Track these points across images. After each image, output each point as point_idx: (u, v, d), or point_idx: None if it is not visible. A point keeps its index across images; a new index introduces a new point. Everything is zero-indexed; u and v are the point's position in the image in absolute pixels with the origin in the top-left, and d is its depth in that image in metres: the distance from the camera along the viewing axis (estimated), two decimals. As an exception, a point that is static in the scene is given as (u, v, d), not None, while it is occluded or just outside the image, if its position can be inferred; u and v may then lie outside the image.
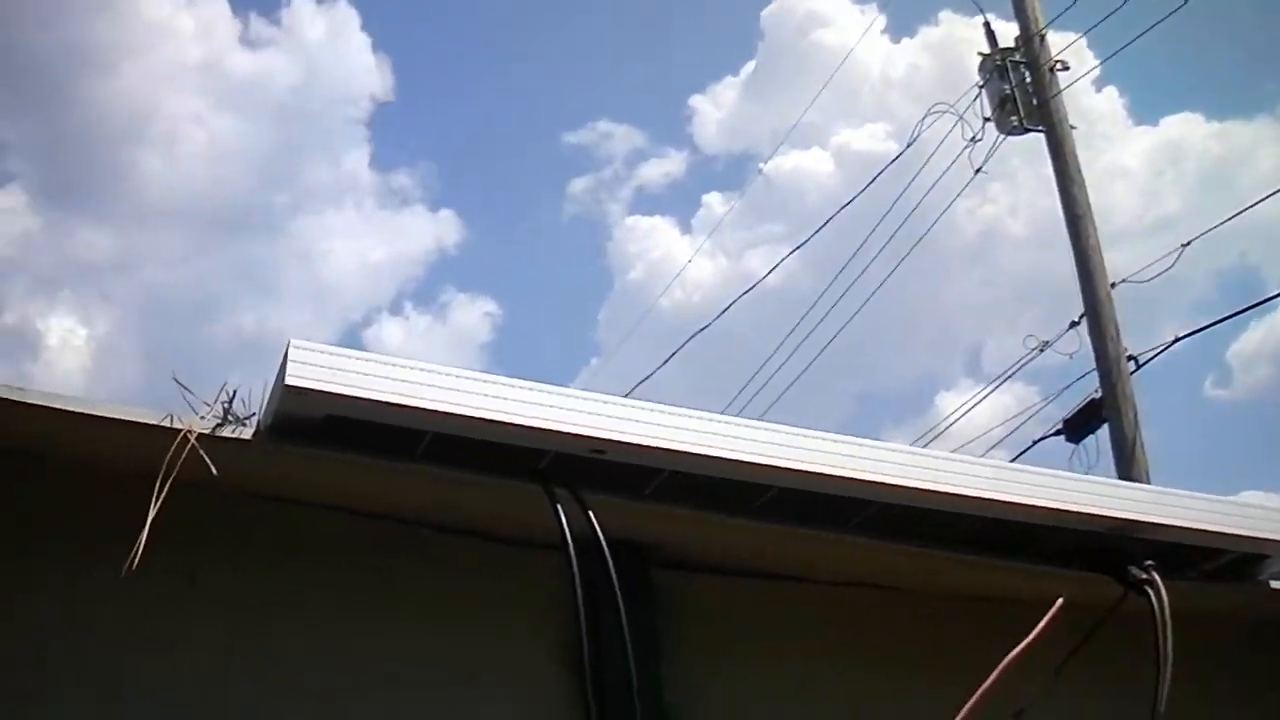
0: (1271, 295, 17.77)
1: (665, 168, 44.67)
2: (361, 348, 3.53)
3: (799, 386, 20.30)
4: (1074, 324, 16.74)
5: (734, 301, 20.52)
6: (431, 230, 44.82)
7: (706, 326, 20.58)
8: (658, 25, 44.72)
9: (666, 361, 20.31)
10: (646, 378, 20.13)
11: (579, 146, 45.00)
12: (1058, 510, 4.28)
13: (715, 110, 40.14)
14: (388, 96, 42.72)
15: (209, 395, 3.75)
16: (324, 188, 43.26)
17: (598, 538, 3.87)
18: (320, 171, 43.57)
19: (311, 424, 3.67)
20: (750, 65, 42.56)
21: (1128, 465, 15.09)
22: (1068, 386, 17.28)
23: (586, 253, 45.59)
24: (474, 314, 43.65)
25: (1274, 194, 15.85)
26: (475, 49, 45.90)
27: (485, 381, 3.77)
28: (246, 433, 3.71)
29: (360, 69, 42.04)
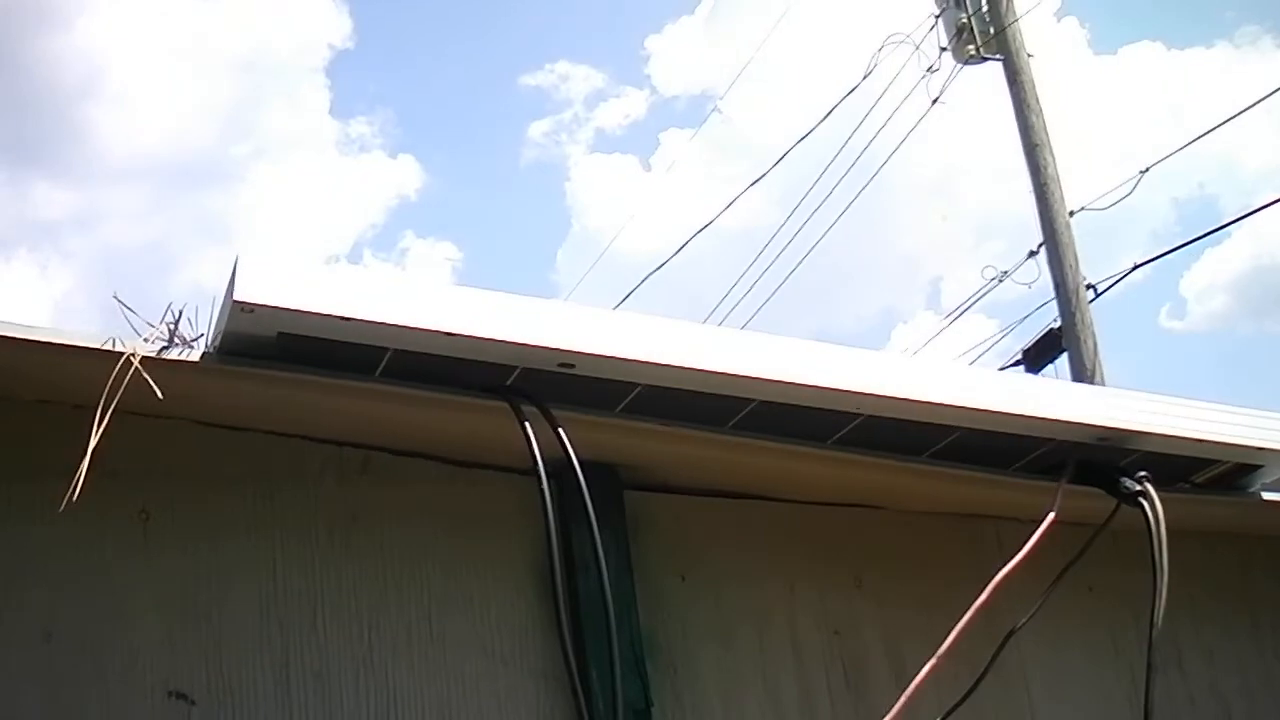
0: (1223, 224, 17.75)
1: (625, 108, 44.61)
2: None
3: (757, 324, 20.16)
4: (1033, 254, 16.68)
5: (689, 240, 20.36)
6: (391, 176, 44.72)
7: (662, 265, 20.41)
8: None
9: (623, 301, 20.15)
10: (603, 319, 19.93)
11: (538, 89, 44.79)
12: (1048, 419, 4.10)
13: (675, 50, 40.03)
14: (346, 43, 42.49)
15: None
16: (283, 137, 43.07)
17: (569, 457, 3.68)
18: (279, 121, 43.37)
19: (263, 343, 3.45)
20: (709, 3, 42.49)
21: (1089, 395, 15.00)
22: (1026, 317, 17.26)
23: (547, 194, 45.52)
24: (434, 259, 43.54)
25: (1226, 122, 15.79)
26: (432, -8, 45.59)
27: (446, 292, 3.58)
28: (194, 355, 3.47)
29: (318, 16, 41.72)
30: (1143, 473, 4.26)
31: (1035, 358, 16.70)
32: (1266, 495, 4.68)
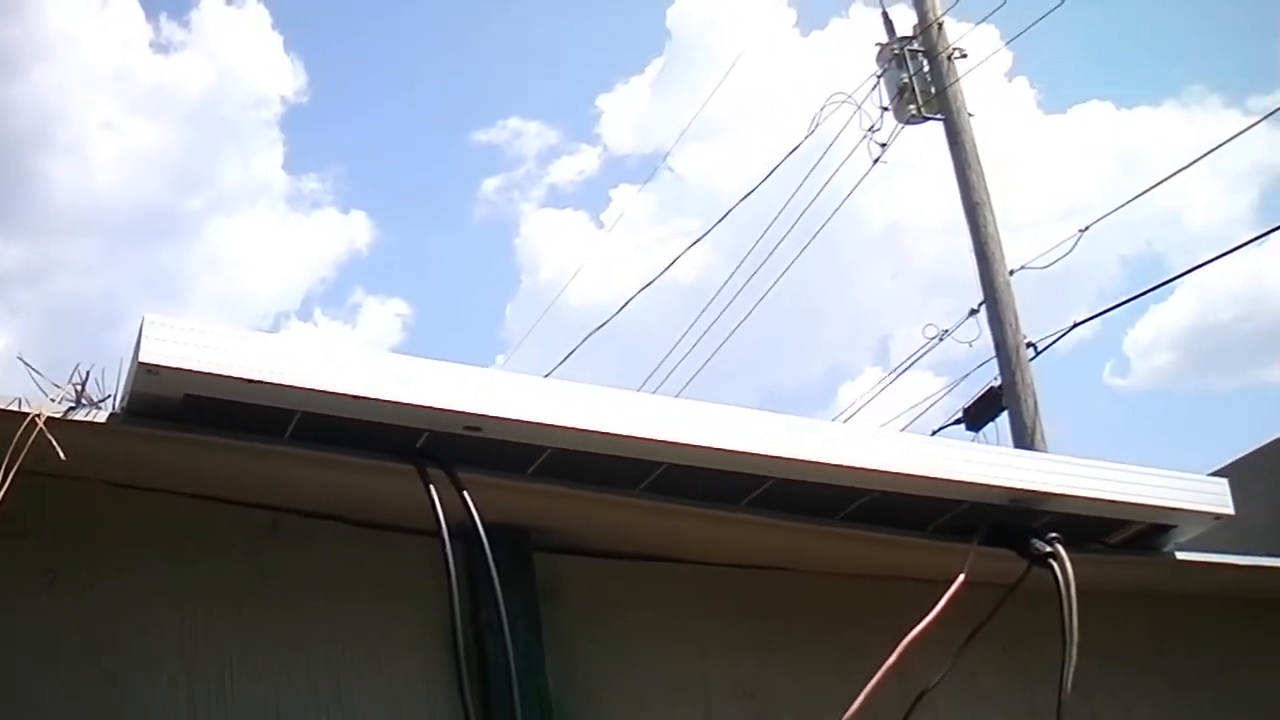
0: (1163, 281, 17.89)
1: (577, 165, 44.71)
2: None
3: (705, 380, 20.28)
4: (973, 312, 16.83)
5: (632, 298, 20.45)
6: (342, 232, 44.67)
7: (605, 324, 20.55)
8: (565, 25, 44.71)
9: (568, 357, 20.22)
10: (548, 374, 19.98)
11: (490, 145, 44.85)
12: (958, 482, 4.13)
13: (625, 108, 40.23)
14: (299, 98, 42.46)
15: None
16: (236, 192, 43.01)
17: (473, 520, 3.69)
18: (232, 175, 43.27)
19: (170, 404, 3.45)
20: (658, 63, 42.72)
21: (1029, 452, 15.09)
22: (966, 375, 17.37)
23: (498, 250, 45.56)
24: (384, 315, 43.48)
25: (1165, 181, 15.96)
26: (386, 49, 45.77)
27: (353, 355, 3.58)
28: (101, 416, 3.47)
29: (271, 70, 41.72)
30: (1054, 534, 4.29)
31: (975, 416, 16.80)
32: (1180, 555, 4.71)
